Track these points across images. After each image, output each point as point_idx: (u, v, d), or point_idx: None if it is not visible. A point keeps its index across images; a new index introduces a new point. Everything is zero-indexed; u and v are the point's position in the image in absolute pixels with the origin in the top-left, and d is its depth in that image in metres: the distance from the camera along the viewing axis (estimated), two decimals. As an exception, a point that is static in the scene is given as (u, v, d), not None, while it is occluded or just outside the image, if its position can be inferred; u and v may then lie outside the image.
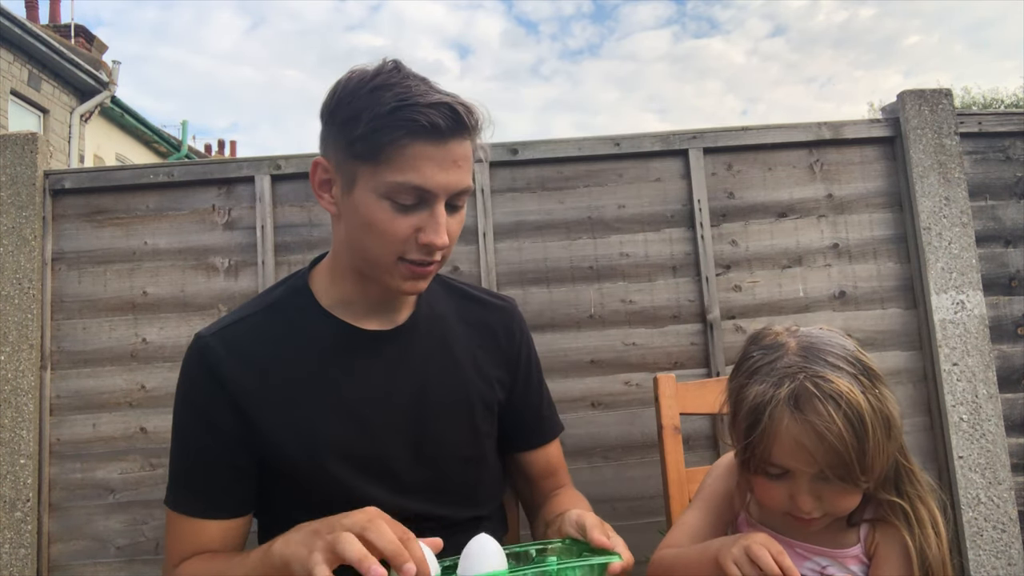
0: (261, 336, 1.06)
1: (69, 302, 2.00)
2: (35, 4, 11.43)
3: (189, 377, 1.07)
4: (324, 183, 1.03)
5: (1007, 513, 1.87)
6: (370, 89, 0.96)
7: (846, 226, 2.06)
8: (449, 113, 0.94)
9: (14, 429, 1.89)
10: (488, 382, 1.17)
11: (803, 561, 0.95)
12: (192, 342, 1.07)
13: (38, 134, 2.03)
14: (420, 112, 0.93)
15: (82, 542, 1.92)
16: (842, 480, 0.85)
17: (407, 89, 0.95)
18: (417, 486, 1.07)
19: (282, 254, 2.03)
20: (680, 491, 1.37)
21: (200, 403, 1.05)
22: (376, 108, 0.94)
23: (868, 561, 0.93)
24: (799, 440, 0.85)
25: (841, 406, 0.83)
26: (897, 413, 0.88)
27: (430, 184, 0.95)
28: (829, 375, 0.86)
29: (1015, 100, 15.23)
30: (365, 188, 0.97)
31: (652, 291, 2.03)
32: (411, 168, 0.95)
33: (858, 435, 0.83)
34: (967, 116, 2.07)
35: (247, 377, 1.03)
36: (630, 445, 1.96)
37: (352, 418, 1.05)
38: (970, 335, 1.93)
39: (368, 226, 0.98)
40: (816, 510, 0.88)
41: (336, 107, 0.99)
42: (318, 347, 1.06)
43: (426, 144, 0.94)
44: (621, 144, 2.06)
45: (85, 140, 10.73)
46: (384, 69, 0.98)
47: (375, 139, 0.94)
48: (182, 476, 1.07)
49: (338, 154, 0.99)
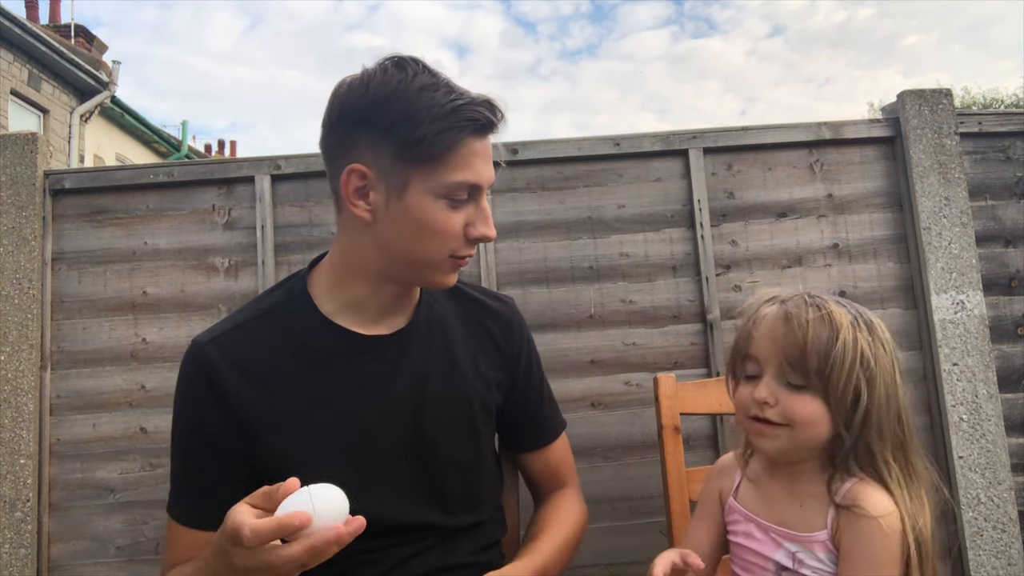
0: (259, 344, 1.05)
1: (69, 302, 2.00)
2: (35, 4, 11.43)
3: (186, 385, 1.06)
4: (359, 191, 0.99)
5: (1007, 513, 1.87)
6: (417, 90, 0.94)
7: (846, 226, 2.06)
8: (492, 110, 0.97)
9: (14, 429, 1.89)
10: (487, 384, 1.16)
11: (776, 549, 0.97)
12: (189, 348, 1.06)
13: (38, 134, 2.03)
14: (476, 110, 0.95)
15: (82, 542, 1.92)
16: (795, 369, 0.92)
17: (450, 87, 0.96)
18: (416, 492, 1.07)
19: (282, 254, 2.03)
20: (680, 491, 1.37)
21: (197, 413, 1.04)
22: (435, 109, 0.93)
23: (834, 549, 0.93)
24: (774, 325, 0.95)
25: (821, 312, 0.93)
26: (889, 366, 0.96)
27: (481, 179, 0.98)
28: (828, 300, 0.95)
29: (1015, 100, 15.23)
30: (420, 191, 0.96)
31: (652, 291, 2.03)
32: (466, 165, 0.96)
33: (826, 339, 0.91)
34: (967, 116, 2.07)
35: (245, 387, 1.02)
36: (630, 445, 1.96)
37: (351, 426, 1.04)
38: (970, 335, 1.93)
39: (423, 227, 0.98)
40: (773, 411, 0.94)
41: (376, 111, 0.96)
42: (317, 355, 1.05)
43: (477, 140, 0.97)
44: (621, 144, 2.06)
45: (85, 140, 10.73)
46: (416, 69, 0.97)
47: (440, 140, 0.94)
48: (179, 483, 1.07)
49: (381, 160, 0.96)
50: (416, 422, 1.08)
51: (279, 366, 1.04)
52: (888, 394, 0.95)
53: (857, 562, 0.90)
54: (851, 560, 0.91)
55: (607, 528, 1.90)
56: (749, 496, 1.04)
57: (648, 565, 1.02)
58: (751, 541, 1.00)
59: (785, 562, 0.96)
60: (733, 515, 1.04)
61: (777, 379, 0.94)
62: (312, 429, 1.03)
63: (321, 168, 2.22)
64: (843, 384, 0.91)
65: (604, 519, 1.90)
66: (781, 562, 0.96)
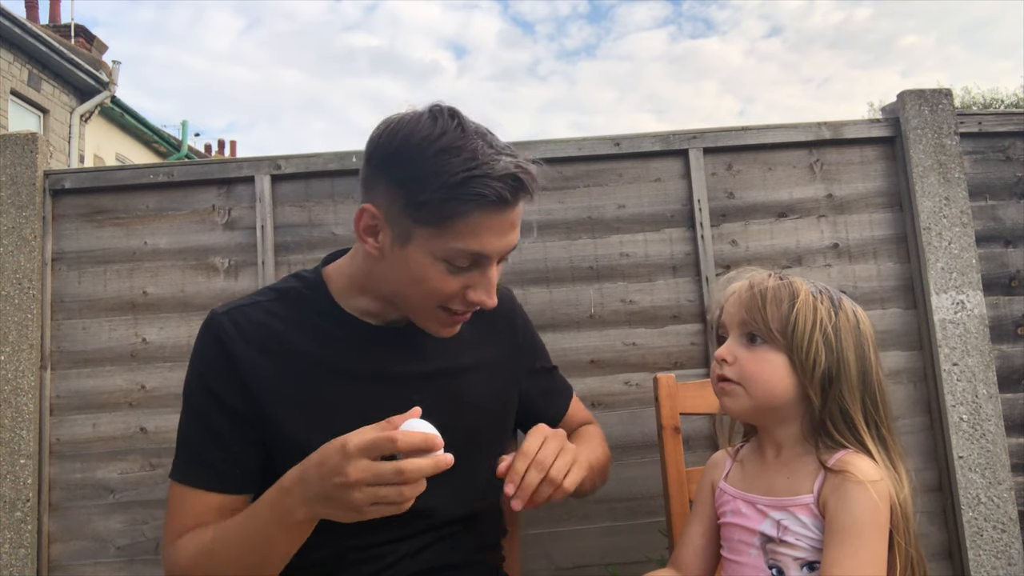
0: (273, 320, 1.08)
1: (69, 302, 2.00)
2: (35, 4, 11.43)
3: (202, 353, 1.08)
4: (370, 228, 1.02)
5: (1007, 513, 1.87)
6: (436, 152, 0.93)
7: (846, 226, 2.06)
8: (515, 184, 0.95)
9: (14, 429, 1.89)
10: (497, 376, 1.20)
11: (762, 520, 0.99)
12: (207, 318, 1.09)
13: (38, 134, 2.03)
14: (489, 186, 0.92)
15: (82, 542, 1.92)
16: (754, 322, 0.98)
17: (474, 154, 0.93)
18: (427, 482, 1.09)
19: (282, 254, 2.03)
20: (680, 491, 1.38)
21: (211, 380, 1.06)
22: (445, 176, 0.92)
23: (820, 514, 0.95)
24: (739, 293, 1.02)
25: (783, 282, 1.00)
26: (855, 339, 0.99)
27: (488, 250, 0.98)
28: (794, 278, 1.01)
29: (1015, 100, 15.23)
30: (421, 249, 0.97)
31: (652, 291, 2.03)
32: (472, 236, 0.96)
33: (786, 300, 0.97)
34: (967, 116, 2.07)
35: (256, 357, 1.05)
36: (630, 445, 1.95)
37: (355, 405, 1.06)
38: (970, 335, 1.93)
39: (418, 281, 1.00)
40: (731, 369, 0.99)
41: (394, 162, 0.97)
42: (329, 337, 1.08)
43: (491, 214, 0.95)
44: (621, 144, 2.06)
45: (85, 140, 10.74)
46: (447, 127, 0.95)
47: (442, 209, 0.93)
48: (190, 448, 1.08)
49: (392, 208, 0.98)
50: (435, 403, 1.09)
51: (291, 342, 1.07)
52: (856, 360, 0.97)
53: (842, 525, 0.91)
54: (837, 523, 0.92)
55: (607, 528, 1.90)
56: (738, 477, 1.07)
57: (648, 565, 1.03)
58: (738, 518, 1.02)
59: (770, 532, 0.97)
60: (723, 498, 1.06)
61: (739, 339, 1.01)
62: (317, 405, 1.06)
63: (321, 168, 2.23)
64: (805, 343, 0.96)
65: (604, 519, 1.90)
66: (766, 532, 0.98)
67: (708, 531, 1.09)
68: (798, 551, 0.95)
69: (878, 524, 0.91)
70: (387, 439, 0.84)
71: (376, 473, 0.84)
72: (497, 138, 0.98)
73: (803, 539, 0.95)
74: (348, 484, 0.85)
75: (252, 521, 0.97)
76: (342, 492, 0.86)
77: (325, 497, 0.88)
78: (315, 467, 0.89)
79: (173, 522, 1.06)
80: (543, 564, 1.91)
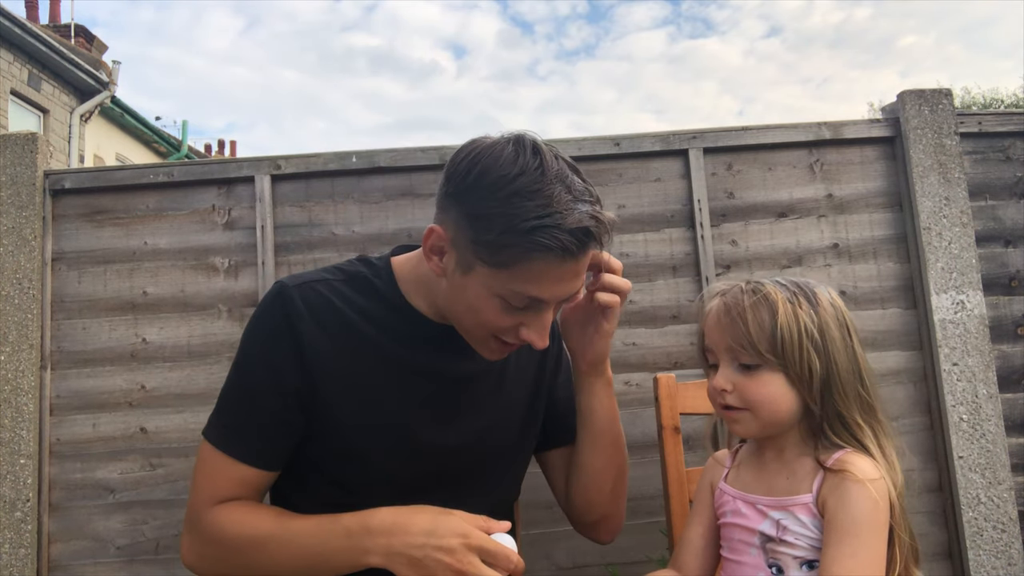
0: (339, 301, 1.08)
1: (69, 302, 2.00)
2: (35, 4, 11.42)
3: (266, 323, 1.07)
4: (436, 248, 1.01)
5: (1007, 513, 1.87)
6: (510, 193, 0.92)
7: (846, 226, 2.06)
8: (586, 237, 0.93)
9: (14, 429, 1.89)
10: (532, 384, 1.21)
11: (762, 519, 0.99)
12: (273, 287, 1.08)
13: (38, 134, 2.03)
14: (557, 237, 0.91)
15: (82, 542, 1.92)
16: (745, 351, 0.96)
17: (548, 201, 0.91)
18: (452, 480, 1.10)
19: (282, 254, 2.03)
20: (680, 491, 1.38)
21: (271, 352, 1.05)
22: (513, 221, 0.91)
23: (819, 514, 0.95)
24: (717, 318, 1.00)
25: (756, 296, 0.98)
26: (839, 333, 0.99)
27: (547, 296, 0.97)
28: (765, 284, 1.00)
29: (1015, 100, 15.23)
30: (479, 282, 0.97)
31: (652, 291, 2.03)
32: (533, 282, 0.95)
33: (767, 319, 0.96)
34: (967, 116, 2.07)
35: (319, 335, 1.05)
36: (630, 445, 1.93)
37: (403, 398, 1.07)
38: (970, 335, 1.93)
39: (473, 310, 1.00)
40: (733, 397, 0.99)
41: (468, 194, 0.95)
42: (395, 326, 1.09)
43: (555, 263, 0.93)
44: (621, 144, 2.06)
45: (85, 140, 10.74)
46: (527, 166, 0.93)
47: (506, 252, 0.93)
48: (234, 417, 1.07)
49: (459, 236, 0.97)
50: (474, 405, 1.12)
51: (353, 324, 1.07)
52: (845, 358, 0.98)
53: (841, 524, 0.92)
54: (836, 522, 0.92)
55: (607, 528, 1.90)
56: (738, 477, 1.07)
57: (648, 565, 1.04)
58: (738, 518, 1.02)
59: (770, 531, 0.98)
60: (723, 498, 1.07)
61: (731, 366, 1.00)
62: (368, 391, 1.06)
63: (321, 168, 2.23)
64: (798, 357, 0.95)
65: (604, 519, 1.90)
66: (766, 532, 0.98)
67: (708, 531, 1.09)
68: (798, 550, 0.95)
69: (877, 523, 0.92)
70: (505, 558, 0.92)
71: (476, 574, 0.90)
72: (578, 181, 0.95)
73: (802, 538, 0.95)
74: (453, 569, 0.90)
75: (323, 538, 0.98)
76: (440, 569, 0.90)
77: (417, 563, 0.92)
78: (423, 533, 0.93)
79: (205, 484, 1.05)
80: (543, 564, 1.91)
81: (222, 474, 1.05)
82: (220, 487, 1.04)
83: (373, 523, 0.95)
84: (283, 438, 1.06)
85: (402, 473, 1.07)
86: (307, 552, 0.97)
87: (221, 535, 1.02)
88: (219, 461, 1.05)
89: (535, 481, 1.33)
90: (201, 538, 1.05)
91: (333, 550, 0.96)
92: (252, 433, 1.05)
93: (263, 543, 1.00)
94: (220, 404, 1.09)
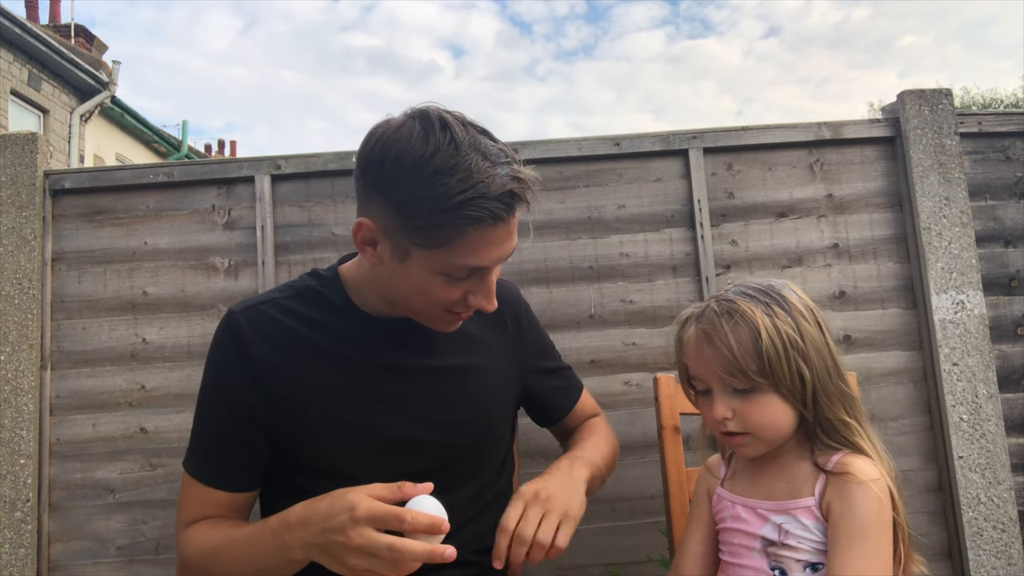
0: (288, 318, 1.09)
1: (69, 302, 2.00)
2: (35, 4, 11.42)
3: (217, 351, 1.10)
4: (368, 240, 1.02)
5: (1007, 513, 1.87)
6: (430, 174, 0.91)
7: (846, 226, 2.06)
8: (512, 199, 0.94)
9: (14, 429, 1.89)
10: (504, 367, 1.22)
11: (763, 524, 0.99)
12: (225, 317, 1.11)
13: (38, 134, 2.03)
14: (485, 207, 0.91)
15: (82, 542, 1.92)
16: (735, 377, 0.95)
17: (468, 173, 0.91)
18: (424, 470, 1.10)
19: (282, 254, 2.03)
20: (680, 491, 1.38)
21: (225, 379, 1.08)
22: (438, 199, 0.91)
23: (822, 517, 0.95)
24: (699, 347, 0.99)
25: (734, 318, 0.96)
26: (815, 330, 0.98)
27: (487, 263, 0.98)
28: (736, 299, 0.98)
29: (1015, 100, 15.23)
30: (418, 264, 0.98)
31: (652, 291, 2.03)
32: (471, 253, 0.95)
33: (750, 341, 0.94)
34: (967, 116, 2.07)
35: (270, 353, 1.06)
36: (630, 445, 1.95)
37: (368, 399, 1.08)
38: (970, 335, 1.93)
39: (419, 291, 1.01)
40: (734, 423, 0.98)
41: (388, 183, 0.95)
42: (346, 331, 1.10)
43: (488, 231, 0.94)
44: (621, 144, 2.06)
45: (85, 140, 10.73)
46: (439, 144, 0.92)
47: (439, 232, 0.93)
48: (198, 443, 1.11)
49: (388, 225, 0.97)
50: (440, 399, 1.12)
51: (307, 338, 1.08)
52: (823, 357, 0.98)
53: (848, 527, 0.92)
54: (843, 525, 0.93)
55: (607, 528, 1.90)
56: (736, 483, 1.07)
57: (648, 565, 1.04)
58: (738, 523, 1.02)
59: (771, 536, 0.98)
60: (721, 503, 1.07)
61: (724, 392, 0.98)
62: (331, 400, 1.07)
63: (321, 168, 2.23)
64: (787, 372, 0.95)
65: (604, 519, 1.90)
66: (767, 536, 0.98)
67: (707, 537, 1.09)
68: (801, 553, 0.95)
69: (883, 523, 0.92)
70: (395, 517, 0.87)
71: (373, 546, 0.86)
72: (490, 142, 0.96)
73: (805, 541, 0.95)
74: (348, 547, 0.88)
75: (254, 541, 1.00)
76: (340, 551, 0.89)
77: (324, 549, 0.91)
78: (321, 518, 0.91)
79: (183, 509, 1.10)
80: (543, 564, 1.91)
81: (194, 498, 1.09)
82: (193, 511, 1.09)
83: (290, 518, 0.96)
84: (249, 461, 1.08)
85: (376, 474, 1.08)
86: (247, 558, 1.00)
87: (188, 554, 1.06)
88: (192, 486, 1.09)
89: (535, 481, 1.34)
90: (179, 559, 1.09)
91: (265, 552, 0.98)
92: (215, 459, 1.08)
93: (214, 556, 1.03)
94: (191, 433, 1.12)
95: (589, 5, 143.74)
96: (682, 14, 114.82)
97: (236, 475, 1.09)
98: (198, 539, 1.06)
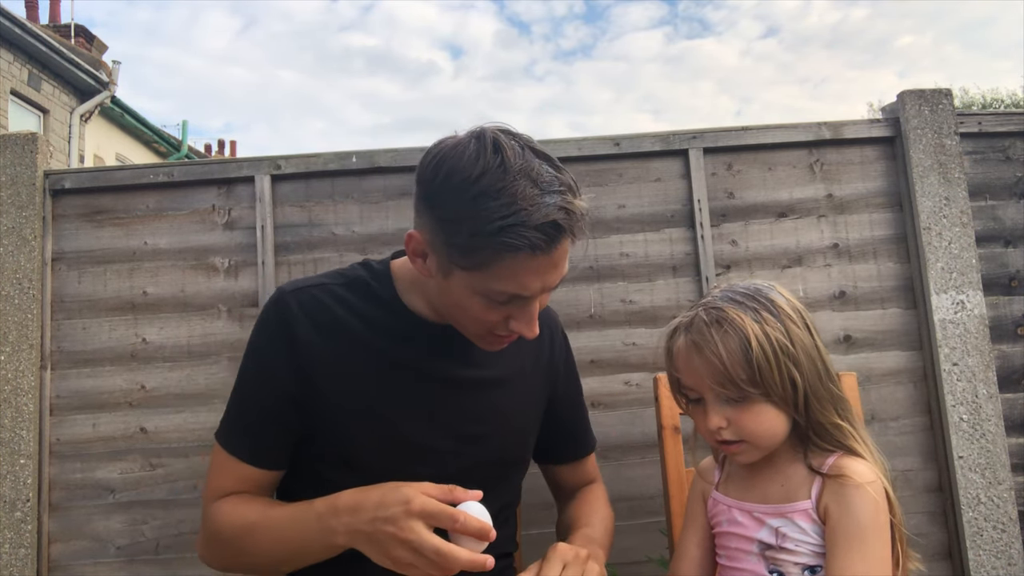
0: (337, 305, 1.09)
1: (69, 302, 2.00)
2: (35, 4, 11.42)
3: (264, 329, 1.10)
4: (418, 252, 1.02)
5: (1007, 513, 1.87)
6: (474, 195, 0.90)
7: (846, 226, 2.06)
8: (555, 231, 0.91)
9: (14, 429, 1.89)
10: (534, 389, 1.21)
11: (760, 528, 0.99)
12: (275, 295, 1.10)
13: (38, 134, 2.03)
14: (523, 236, 0.89)
15: (82, 542, 1.92)
16: (727, 387, 0.94)
17: (513, 199, 0.89)
18: (450, 478, 1.10)
19: (282, 254, 2.03)
20: (680, 491, 1.37)
21: (268, 357, 1.08)
22: (479, 223, 0.89)
23: (819, 520, 0.95)
24: (689, 358, 0.98)
25: (723, 327, 0.95)
26: (803, 333, 0.96)
27: (526, 291, 0.96)
28: (724, 307, 0.96)
29: (1015, 100, 15.23)
30: (459, 283, 0.97)
31: (652, 291, 2.03)
32: (509, 279, 0.94)
33: (740, 350, 0.93)
34: (967, 116, 2.07)
35: (316, 339, 1.06)
36: (630, 445, 1.95)
37: (404, 399, 1.08)
38: (970, 335, 1.93)
39: (461, 308, 1.01)
40: (728, 432, 0.97)
41: (436, 198, 0.95)
42: (390, 327, 1.10)
43: (529, 258, 0.92)
44: (621, 144, 2.06)
45: (85, 140, 10.73)
46: (488, 165, 0.90)
47: (477, 255, 0.92)
48: (236, 418, 1.11)
49: (434, 240, 0.97)
50: (468, 410, 1.12)
51: (347, 324, 1.08)
52: (813, 361, 0.97)
53: (847, 530, 0.92)
54: (842, 528, 0.92)
55: (607, 528, 1.90)
56: (731, 486, 1.07)
57: (648, 565, 1.04)
58: (735, 526, 1.02)
59: (768, 539, 0.97)
60: (717, 507, 1.06)
61: (718, 402, 0.97)
62: (365, 393, 1.07)
63: (321, 168, 2.23)
64: (779, 380, 0.94)
65: (604, 519, 1.90)
66: (764, 540, 0.98)
67: (703, 541, 1.09)
68: (799, 556, 0.95)
69: (881, 524, 0.92)
70: (449, 516, 0.88)
71: (421, 542, 0.87)
72: (548, 169, 0.92)
73: (803, 544, 0.95)
74: (396, 538, 0.88)
75: (296, 523, 1.00)
76: (389, 542, 0.89)
77: (370, 538, 0.91)
78: (373, 506, 0.92)
79: (213, 480, 1.10)
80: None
81: (226, 471, 1.09)
82: (224, 483, 1.09)
83: (339, 503, 0.96)
84: (279, 437, 1.09)
85: (394, 475, 1.07)
86: (286, 537, 1.00)
87: (218, 527, 1.06)
88: (223, 459, 1.09)
89: (535, 482, 1.34)
90: (206, 530, 1.09)
91: (307, 534, 0.98)
92: (251, 435, 1.09)
93: (249, 532, 1.03)
94: (227, 406, 1.13)
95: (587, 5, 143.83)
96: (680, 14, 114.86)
97: (270, 453, 1.09)
98: (230, 512, 1.05)
